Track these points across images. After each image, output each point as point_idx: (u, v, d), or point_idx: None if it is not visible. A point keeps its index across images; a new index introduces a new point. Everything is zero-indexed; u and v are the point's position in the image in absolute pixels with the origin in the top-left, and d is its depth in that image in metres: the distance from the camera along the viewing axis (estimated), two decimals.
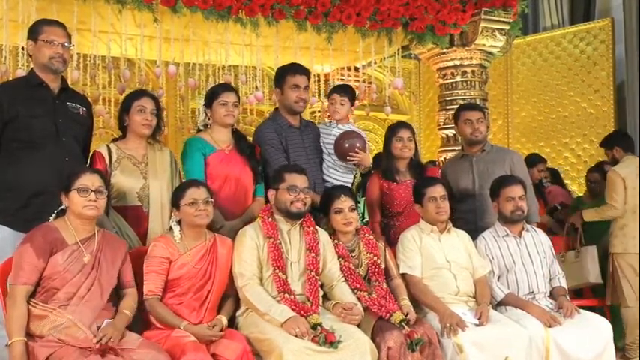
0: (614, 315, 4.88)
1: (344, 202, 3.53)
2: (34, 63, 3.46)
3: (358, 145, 3.96)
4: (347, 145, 3.95)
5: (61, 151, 3.35)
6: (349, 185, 4.07)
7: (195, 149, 3.68)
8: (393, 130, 4.10)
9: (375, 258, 3.54)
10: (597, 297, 5.10)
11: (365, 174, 4.39)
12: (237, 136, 3.83)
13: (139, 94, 3.63)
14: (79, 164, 3.37)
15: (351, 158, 3.95)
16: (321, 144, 4.12)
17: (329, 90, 4.31)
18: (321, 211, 3.67)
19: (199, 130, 3.85)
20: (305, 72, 4.03)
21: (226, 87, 3.86)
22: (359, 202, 4.55)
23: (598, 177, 5.50)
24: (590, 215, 4.96)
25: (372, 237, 3.63)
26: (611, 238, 4.89)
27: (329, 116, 4.26)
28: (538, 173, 5.83)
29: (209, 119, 3.77)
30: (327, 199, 3.60)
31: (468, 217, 4.18)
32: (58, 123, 3.37)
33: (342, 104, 4.15)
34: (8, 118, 3.30)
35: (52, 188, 3.11)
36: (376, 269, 3.52)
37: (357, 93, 4.46)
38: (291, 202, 3.34)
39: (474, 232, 3.94)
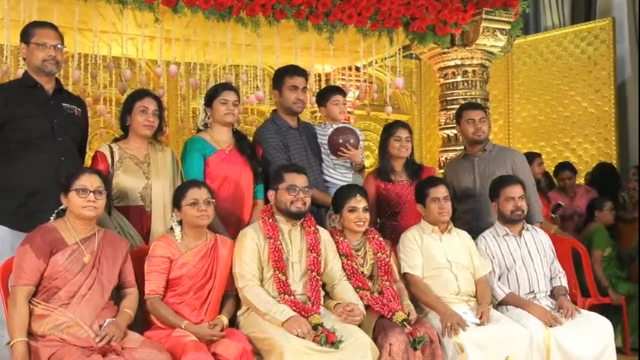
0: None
1: (359, 202, 3.51)
2: (27, 65, 3.47)
3: (352, 141, 3.98)
4: (340, 141, 3.98)
5: (57, 150, 3.35)
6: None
7: (195, 149, 3.68)
8: (390, 129, 4.08)
9: (384, 257, 3.53)
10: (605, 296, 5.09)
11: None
12: (238, 136, 3.83)
13: (141, 94, 3.62)
14: (75, 164, 3.38)
15: (342, 153, 3.98)
16: (320, 144, 4.13)
17: (320, 95, 4.28)
18: (333, 208, 3.67)
19: (199, 130, 3.83)
20: (303, 73, 4.03)
21: (227, 86, 3.86)
22: None
23: None
24: None
25: (380, 238, 3.62)
26: None
27: (329, 118, 4.23)
28: (538, 167, 5.81)
29: (209, 118, 3.76)
30: (342, 196, 3.58)
31: (469, 216, 4.18)
32: (54, 123, 3.38)
33: (344, 104, 4.18)
34: (4, 119, 3.30)
35: (48, 188, 3.13)
36: (387, 269, 3.51)
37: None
38: (291, 202, 3.33)
39: (474, 232, 3.93)
